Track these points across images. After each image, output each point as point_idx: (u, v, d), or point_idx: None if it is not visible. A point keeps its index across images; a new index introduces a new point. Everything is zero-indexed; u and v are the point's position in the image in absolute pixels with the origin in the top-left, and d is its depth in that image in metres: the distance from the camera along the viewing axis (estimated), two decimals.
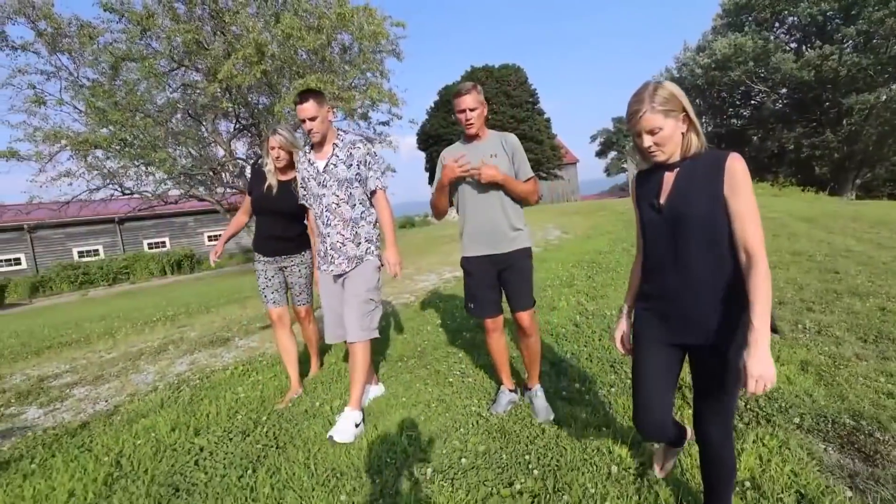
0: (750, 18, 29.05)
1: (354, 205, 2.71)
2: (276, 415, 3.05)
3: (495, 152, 2.49)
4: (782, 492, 1.85)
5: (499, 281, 2.60)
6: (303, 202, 2.91)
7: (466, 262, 2.65)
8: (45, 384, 4.30)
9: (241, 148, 13.43)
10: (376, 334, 2.81)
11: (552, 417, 2.55)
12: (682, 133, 1.44)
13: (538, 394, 2.67)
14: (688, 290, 1.45)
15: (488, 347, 2.78)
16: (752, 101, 32.31)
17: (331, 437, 2.54)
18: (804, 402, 2.54)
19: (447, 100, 30.35)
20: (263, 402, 3.28)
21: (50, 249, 26.44)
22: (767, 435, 2.24)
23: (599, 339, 3.74)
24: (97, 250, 27.51)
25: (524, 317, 2.55)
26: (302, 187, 2.87)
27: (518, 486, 2.07)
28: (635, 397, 1.65)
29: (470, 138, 2.56)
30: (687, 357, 1.59)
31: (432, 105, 33.59)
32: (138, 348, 5.30)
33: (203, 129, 13.09)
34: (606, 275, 5.96)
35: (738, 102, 33.48)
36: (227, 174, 13.38)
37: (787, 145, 28.51)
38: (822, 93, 26.93)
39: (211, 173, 11.53)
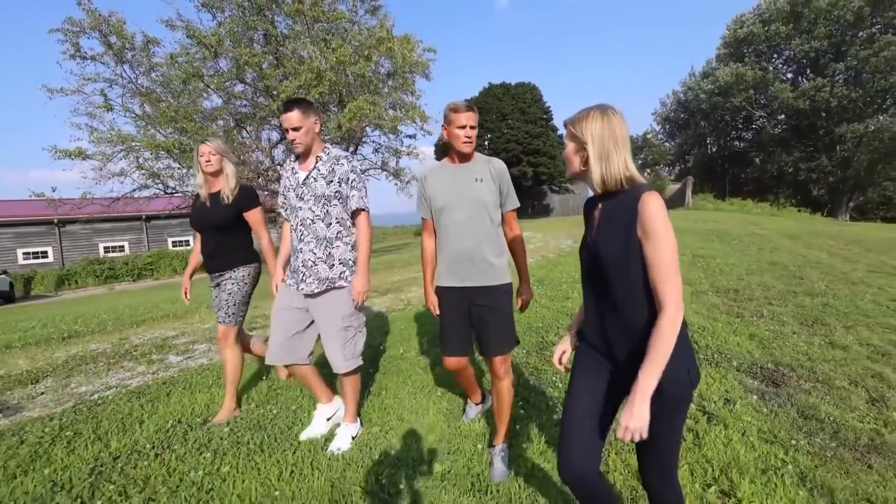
0: (750, 50, 30.77)
1: (330, 223, 2.55)
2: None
3: (482, 177, 2.30)
4: (716, 397, 3.05)
5: (470, 318, 2.35)
6: (281, 210, 2.78)
7: (438, 292, 2.42)
8: (169, 342, 5.51)
9: (279, 156, 14.73)
10: (360, 361, 2.69)
11: (507, 478, 2.24)
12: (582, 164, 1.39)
13: (501, 454, 2.32)
14: (610, 332, 1.38)
15: (456, 380, 2.74)
16: (754, 126, 33.83)
17: (331, 450, 2.54)
18: (744, 356, 3.74)
19: None
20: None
21: (77, 244, 27.47)
22: (714, 371, 3.44)
23: None
24: (122, 246, 28.66)
25: (497, 361, 2.30)
26: (282, 195, 2.73)
27: None
28: (560, 434, 1.51)
29: (462, 159, 2.35)
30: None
31: (422, 110, 34.99)
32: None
33: (245, 136, 14.36)
34: None
35: (740, 126, 35.06)
36: (263, 178, 14.69)
37: (787, 168, 29.93)
38: (817, 121, 28.52)
39: (256, 177, 12.82)
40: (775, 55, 31.03)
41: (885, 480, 2.07)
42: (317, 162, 2.57)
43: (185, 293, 3.18)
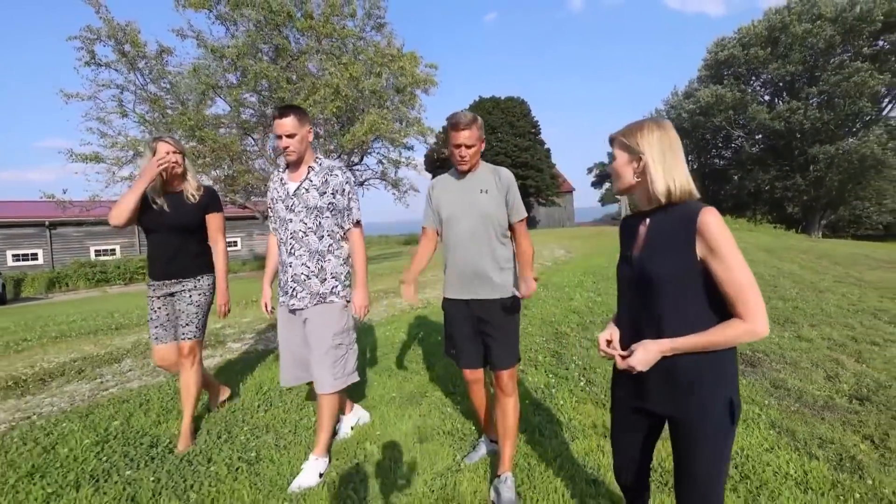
0: (729, 72, 32.34)
1: (322, 236, 2.46)
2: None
3: (487, 188, 2.23)
4: None
5: (478, 330, 2.29)
6: (269, 223, 2.66)
7: (446, 304, 2.38)
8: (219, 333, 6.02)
9: (284, 164, 15.23)
10: (354, 378, 2.59)
11: None
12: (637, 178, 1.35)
13: (507, 482, 2.16)
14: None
15: (469, 395, 2.52)
16: (733, 145, 35.34)
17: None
18: None
19: None
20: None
21: (68, 247, 27.24)
22: None
23: (608, 314, 5.65)
24: (114, 250, 28.53)
25: (504, 375, 2.25)
26: (269, 207, 2.61)
27: None
28: (613, 458, 1.59)
29: (462, 172, 2.28)
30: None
31: (440, 130, 35.91)
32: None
33: (251, 143, 14.81)
34: (608, 282, 7.91)
35: (720, 145, 36.57)
36: (261, 186, 15.15)
37: (764, 186, 31.35)
38: (792, 141, 30.06)
39: (259, 184, 13.30)
40: (753, 78, 32.61)
41: (834, 427, 2.75)
42: (309, 172, 2.46)
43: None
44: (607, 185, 50.20)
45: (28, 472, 2.48)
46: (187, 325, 2.81)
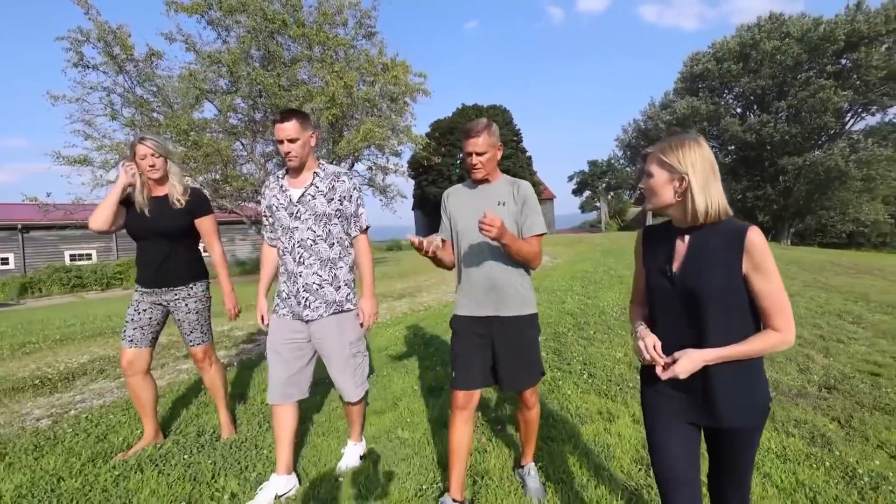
0: (703, 85, 33.66)
1: (333, 244, 2.37)
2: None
3: (504, 200, 2.12)
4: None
5: (492, 350, 2.13)
6: (263, 232, 2.52)
7: (456, 322, 2.22)
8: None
9: (272, 168, 15.34)
10: (368, 385, 2.56)
11: (545, 495, 2.25)
12: (679, 196, 1.34)
13: (531, 473, 2.32)
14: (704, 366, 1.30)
15: (449, 432, 2.16)
16: None
17: (340, 469, 2.53)
18: None
19: (439, 134, 32.98)
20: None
21: (41, 251, 26.49)
22: None
23: (599, 315, 6.03)
24: (90, 255, 27.93)
25: (528, 393, 2.19)
26: (265, 216, 2.48)
27: None
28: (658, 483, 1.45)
29: (477, 182, 2.20)
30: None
31: (423, 136, 36.30)
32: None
33: (240, 147, 14.83)
34: (596, 285, 8.34)
35: None
36: (251, 189, 15.19)
37: (736, 195, 32.58)
38: (763, 153, 31.43)
39: (249, 188, 13.35)
40: (726, 91, 33.94)
41: (806, 411, 3.14)
42: (314, 178, 2.36)
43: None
44: (587, 193, 51.30)
45: (90, 458, 2.69)
46: (191, 332, 2.79)
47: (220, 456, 2.70)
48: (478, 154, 2.08)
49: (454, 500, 2.08)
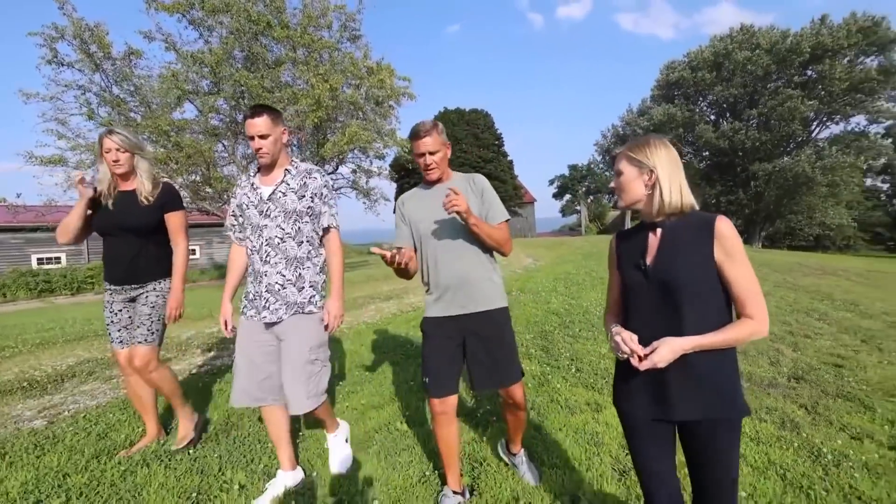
0: (679, 93, 34.70)
1: (301, 242, 2.31)
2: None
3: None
4: None
5: (464, 350, 2.14)
6: (230, 232, 2.45)
7: (426, 324, 2.20)
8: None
9: (254, 170, 15.22)
10: (324, 398, 2.35)
11: (539, 481, 2.33)
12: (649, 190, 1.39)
13: (524, 459, 2.41)
14: (679, 357, 1.29)
15: (435, 434, 2.23)
16: (682, 161, 37.69)
17: (338, 470, 2.47)
18: None
19: None
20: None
21: (6, 254, 25.65)
22: None
23: (583, 314, 6.24)
24: (59, 258, 27.07)
25: (515, 390, 2.16)
26: (233, 215, 2.43)
27: None
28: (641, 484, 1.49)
29: (431, 183, 2.21)
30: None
31: (405, 139, 36.33)
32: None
33: (222, 148, 14.68)
34: (578, 286, 8.57)
35: None
36: (232, 192, 15.06)
37: (710, 200, 33.59)
38: (735, 159, 32.55)
39: (232, 190, 13.26)
40: (701, 98, 35.06)
41: (777, 399, 3.37)
42: (285, 175, 2.32)
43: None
44: (568, 196, 52.09)
45: (93, 454, 2.73)
46: (139, 326, 2.62)
47: (226, 450, 2.77)
48: (431, 154, 2.11)
49: (454, 492, 2.17)
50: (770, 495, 2.20)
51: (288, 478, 2.38)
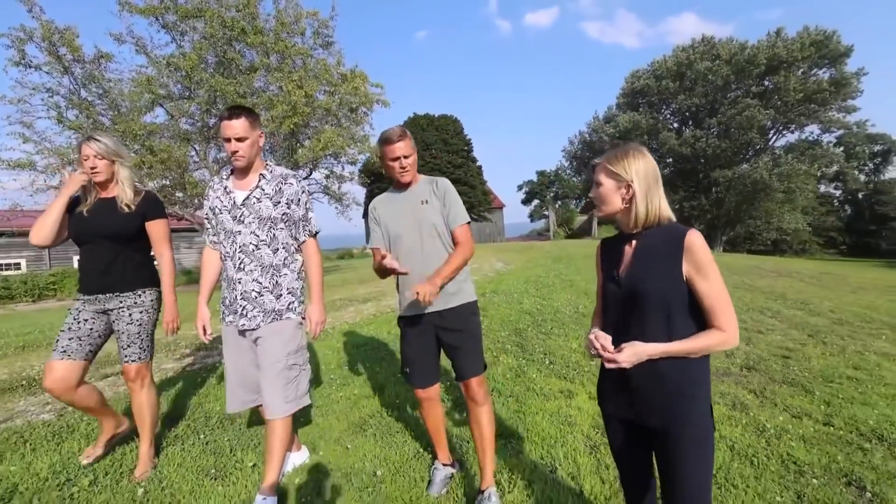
0: (643, 101, 36.01)
1: (277, 249, 2.28)
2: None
3: (427, 199, 2.26)
4: None
5: (438, 343, 2.31)
6: (208, 235, 2.42)
7: (403, 322, 2.36)
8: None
9: (226, 174, 15.13)
10: (306, 401, 2.36)
11: None
12: (627, 203, 1.40)
13: (492, 499, 2.16)
14: (642, 365, 1.34)
15: (423, 418, 2.47)
16: None
17: None
18: None
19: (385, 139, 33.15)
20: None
21: None
22: None
23: (555, 314, 6.58)
24: (19, 264, 26.07)
25: (475, 384, 2.24)
26: (207, 218, 2.40)
27: None
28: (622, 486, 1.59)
29: (402, 186, 2.31)
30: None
31: (374, 144, 36.38)
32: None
33: (194, 153, 14.56)
34: (549, 288, 8.94)
35: None
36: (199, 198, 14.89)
37: (674, 206, 34.53)
38: (697, 165, 33.96)
39: (199, 195, 13.13)
40: (664, 107, 36.48)
41: (730, 385, 3.75)
42: (260, 180, 2.28)
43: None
44: (536, 202, 53.02)
45: None
46: (129, 346, 2.52)
47: (234, 435, 3.01)
48: (405, 157, 2.20)
49: (444, 465, 2.43)
50: (720, 462, 2.53)
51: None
